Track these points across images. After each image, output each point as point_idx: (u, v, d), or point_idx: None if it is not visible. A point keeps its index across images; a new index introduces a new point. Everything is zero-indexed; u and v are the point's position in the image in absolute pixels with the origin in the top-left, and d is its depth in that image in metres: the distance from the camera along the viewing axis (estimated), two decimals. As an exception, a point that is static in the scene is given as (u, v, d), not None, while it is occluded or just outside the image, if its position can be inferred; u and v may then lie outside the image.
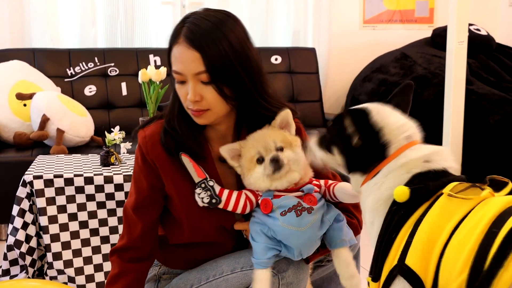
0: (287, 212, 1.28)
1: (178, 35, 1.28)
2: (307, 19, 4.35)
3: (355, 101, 4.12)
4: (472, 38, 3.86)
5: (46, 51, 3.69)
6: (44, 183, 2.06)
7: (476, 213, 0.98)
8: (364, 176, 1.14)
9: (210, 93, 1.28)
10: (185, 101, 1.31)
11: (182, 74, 1.28)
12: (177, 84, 1.32)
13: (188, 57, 1.26)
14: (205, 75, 1.26)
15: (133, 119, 2.96)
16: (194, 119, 1.33)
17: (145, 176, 1.38)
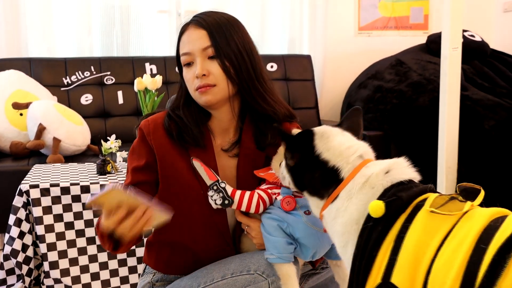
0: (310, 212, 1.29)
1: (186, 25, 1.41)
2: (303, 27, 4.37)
3: (351, 107, 4.12)
4: (466, 44, 3.88)
5: (42, 60, 3.70)
6: (41, 192, 2.06)
7: (461, 228, 0.95)
8: (323, 201, 1.12)
9: (216, 69, 1.36)
10: (192, 82, 1.39)
11: (190, 53, 1.38)
12: (184, 69, 1.41)
13: (195, 36, 1.38)
14: (211, 49, 1.36)
15: (129, 128, 2.97)
16: (201, 99, 1.39)
17: (143, 154, 1.42)
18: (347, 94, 4.30)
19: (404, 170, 1.09)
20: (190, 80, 1.40)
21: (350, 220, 1.05)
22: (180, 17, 4.08)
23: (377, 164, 1.12)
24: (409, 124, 3.62)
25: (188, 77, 1.40)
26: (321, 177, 1.12)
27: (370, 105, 3.89)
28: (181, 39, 1.42)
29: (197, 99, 1.41)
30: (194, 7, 4.15)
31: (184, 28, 1.42)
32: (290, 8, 4.33)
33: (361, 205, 1.04)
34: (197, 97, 1.40)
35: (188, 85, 1.42)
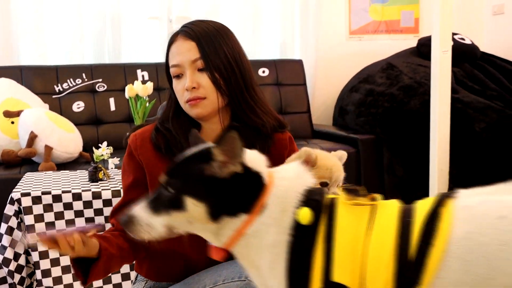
0: None
1: (173, 37, 1.40)
2: (294, 31, 4.39)
3: (343, 111, 4.14)
4: (456, 47, 3.90)
5: (34, 68, 3.69)
6: (32, 200, 2.06)
7: (382, 212, 1.00)
8: (246, 217, 1.01)
9: (206, 81, 1.35)
10: (182, 94, 1.38)
11: (179, 65, 1.37)
12: (174, 81, 1.40)
13: (185, 47, 1.36)
14: (200, 61, 1.35)
15: (122, 134, 2.96)
16: (191, 111, 1.38)
17: (132, 170, 1.43)
18: (339, 98, 4.32)
19: (303, 174, 1.08)
20: (180, 92, 1.39)
21: (283, 227, 1.00)
22: (171, 24, 4.09)
23: (283, 171, 1.08)
24: (401, 127, 3.63)
25: (178, 89, 1.39)
26: (246, 187, 1.02)
27: (362, 108, 3.91)
28: (170, 50, 1.40)
29: (188, 111, 1.40)
30: (186, 13, 4.16)
31: (172, 38, 1.41)
32: (282, 13, 4.34)
33: (289, 213, 1.00)
34: (188, 109, 1.39)
35: (178, 96, 1.41)
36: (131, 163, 1.43)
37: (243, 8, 4.25)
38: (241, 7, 4.24)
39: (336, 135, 3.94)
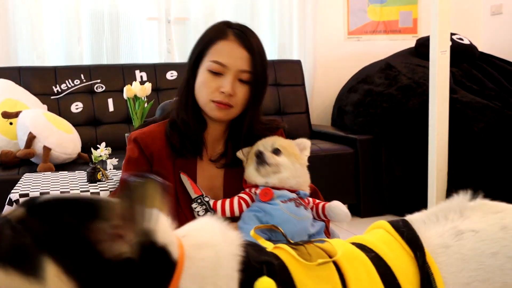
0: (287, 201, 1.34)
1: (226, 32, 1.38)
2: (292, 32, 4.39)
3: (341, 111, 4.15)
4: (455, 47, 3.90)
5: (32, 69, 3.69)
6: (30, 201, 2.05)
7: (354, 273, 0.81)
8: None
9: (242, 93, 1.38)
10: (212, 92, 1.37)
11: (225, 66, 1.36)
12: (208, 75, 1.38)
13: (238, 54, 1.36)
14: (248, 75, 1.37)
15: (120, 135, 2.97)
16: (213, 112, 1.39)
17: (142, 165, 1.41)
18: (337, 99, 4.32)
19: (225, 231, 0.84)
20: (211, 88, 1.37)
21: None
22: (170, 24, 4.09)
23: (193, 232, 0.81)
24: (399, 127, 3.63)
25: (210, 85, 1.38)
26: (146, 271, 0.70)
27: (361, 109, 3.91)
28: (218, 45, 1.38)
29: (208, 110, 1.40)
30: (184, 14, 4.16)
31: (222, 34, 1.39)
32: (280, 14, 4.34)
33: None
34: (211, 108, 1.39)
35: (203, 89, 1.39)
36: (141, 158, 1.42)
37: (241, 9, 4.25)
38: (239, 8, 4.24)
39: (334, 135, 3.94)
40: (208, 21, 4.18)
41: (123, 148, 2.50)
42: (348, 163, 3.68)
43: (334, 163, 3.65)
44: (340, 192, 3.69)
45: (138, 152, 1.42)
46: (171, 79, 3.89)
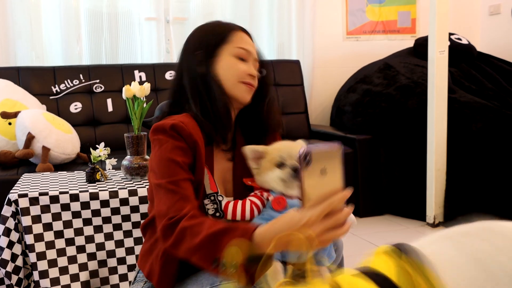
0: None
1: (234, 26, 1.53)
2: (291, 32, 4.39)
3: (340, 111, 4.15)
4: (453, 48, 3.92)
5: (31, 69, 3.69)
6: (29, 201, 2.05)
7: None
8: None
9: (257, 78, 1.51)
10: (242, 75, 1.45)
11: (250, 52, 1.48)
12: (238, 61, 1.46)
13: (252, 44, 1.52)
14: (258, 64, 1.51)
15: (119, 135, 2.97)
16: (244, 93, 1.46)
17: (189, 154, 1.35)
18: (336, 99, 4.32)
19: None
20: (241, 72, 1.45)
21: None
22: (168, 24, 4.09)
23: None
24: (398, 127, 3.64)
25: (240, 68, 1.45)
26: None
27: (359, 109, 3.91)
28: (236, 34, 1.49)
29: (238, 91, 1.45)
30: (183, 14, 4.16)
31: (234, 27, 1.52)
32: (278, 14, 4.35)
33: None
34: (241, 89, 1.45)
35: (232, 72, 1.44)
36: (186, 147, 1.35)
37: (240, 9, 4.25)
38: (237, 8, 4.25)
39: (333, 135, 3.94)
40: (207, 21, 4.17)
41: (122, 148, 2.52)
42: (347, 163, 3.66)
43: (333, 163, 3.65)
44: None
45: (181, 141, 1.35)
46: (170, 79, 3.90)
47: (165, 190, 1.28)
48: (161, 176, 1.30)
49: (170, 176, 1.29)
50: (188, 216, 1.21)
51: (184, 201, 1.25)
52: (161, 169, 1.32)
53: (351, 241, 3.26)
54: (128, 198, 2.11)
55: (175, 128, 1.34)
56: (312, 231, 0.99)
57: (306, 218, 1.00)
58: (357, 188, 3.72)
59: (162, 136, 1.36)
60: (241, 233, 1.10)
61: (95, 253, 2.13)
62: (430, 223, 3.46)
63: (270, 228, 1.08)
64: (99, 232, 2.13)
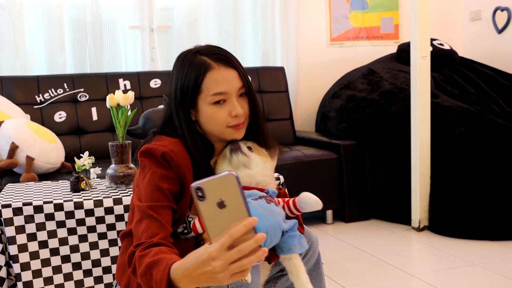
0: (257, 199, 1.38)
1: (207, 64, 1.42)
2: (275, 39, 4.42)
3: (325, 117, 4.17)
4: (436, 53, 3.97)
5: (14, 78, 3.67)
6: (13, 211, 2.04)
7: None
8: None
9: (246, 105, 1.47)
10: (224, 120, 1.43)
11: (227, 93, 1.42)
12: (215, 107, 1.43)
13: (230, 76, 1.43)
14: (243, 89, 1.45)
15: (104, 144, 2.96)
16: (234, 135, 1.46)
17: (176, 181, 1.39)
18: (321, 105, 4.35)
19: None
20: (222, 119, 1.42)
21: None
22: (153, 32, 4.09)
23: None
24: (382, 132, 3.67)
25: (219, 116, 1.42)
26: None
27: (344, 114, 3.94)
28: (209, 78, 1.41)
29: (227, 136, 1.46)
30: (167, 22, 4.17)
31: (206, 68, 1.42)
32: (262, 21, 4.37)
33: None
34: (229, 133, 1.45)
35: (215, 121, 1.43)
36: (173, 175, 1.38)
37: (224, 16, 4.27)
38: (221, 16, 4.26)
39: (318, 141, 3.96)
40: (191, 28, 4.20)
41: (107, 157, 2.51)
42: (332, 168, 3.71)
43: (318, 168, 3.67)
44: (325, 197, 3.70)
45: (170, 170, 1.38)
46: (154, 87, 3.90)
47: (143, 214, 1.33)
48: (144, 199, 1.35)
49: (151, 201, 1.34)
50: (145, 246, 1.25)
51: (158, 228, 1.30)
52: (146, 193, 1.36)
53: (337, 246, 3.28)
54: (113, 206, 2.10)
55: (165, 157, 1.37)
56: (217, 264, 0.99)
57: (208, 252, 1.00)
58: (343, 193, 3.74)
59: (152, 161, 1.39)
60: (163, 267, 1.13)
61: (80, 262, 2.12)
62: (415, 227, 3.48)
63: (182, 265, 1.09)
64: (84, 242, 2.12)
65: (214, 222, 1.00)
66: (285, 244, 1.41)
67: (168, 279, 1.10)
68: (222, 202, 0.99)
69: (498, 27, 4.52)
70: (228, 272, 1.00)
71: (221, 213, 0.99)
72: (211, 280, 1.03)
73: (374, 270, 2.86)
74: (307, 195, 1.44)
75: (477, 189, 3.22)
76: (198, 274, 1.03)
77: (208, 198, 0.98)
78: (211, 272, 1.00)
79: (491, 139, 3.26)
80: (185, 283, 1.08)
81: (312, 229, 1.52)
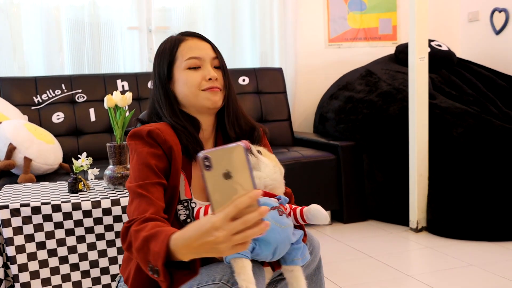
0: (270, 210, 1.33)
1: (180, 39, 1.52)
2: (273, 40, 4.42)
3: (323, 118, 4.18)
4: (434, 54, 3.97)
5: (12, 79, 3.67)
6: (11, 212, 2.04)
7: None
8: None
9: (221, 76, 1.50)
10: (199, 83, 1.46)
11: (200, 58, 1.49)
12: (190, 72, 1.47)
13: (203, 46, 1.51)
14: (217, 60, 1.51)
15: (102, 145, 2.96)
16: (210, 99, 1.47)
17: (163, 158, 1.39)
18: (319, 105, 4.35)
19: None
20: (196, 81, 1.47)
21: None
22: (151, 33, 4.09)
23: None
24: (380, 133, 3.67)
25: (193, 79, 1.47)
26: None
27: (342, 115, 3.94)
28: (183, 46, 1.50)
29: (202, 100, 1.47)
30: (165, 24, 4.17)
31: (179, 41, 1.51)
32: (261, 22, 4.37)
33: None
34: (204, 97, 1.47)
35: (189, 85, 1.47)
36: (160, 151, 1.39)
37: (222, 17, 4.27)
38: (219, 17, 4.26)
39: (316, 142, 3.96)
40: (189, 29, 4.19)
41: (105, 158, 2.51)
42: (330, 169, 3.71)
43: (316, 169, 3.68)
44: (323, 198, 3.72)
45: (156, 147, 1.39)
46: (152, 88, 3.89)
47: (133, 193, 1.34)
48: (134, 180, 1.36)
49: (140, 180, 1.35)
50: (140, 220, 1.25)
51: (148, 205, 1.30)
52: (135, 173, 1.37)
53: (335, 247, 3.28)
54: (111, 207, 2.10)
55: (151, 134, 1.39)
56: (220, 234, 0.99)
57: (211, 222, 1.00)
58: (341, 194, 3.75)
59: (138, 142, 1.41)
60: (162, 238, 1.12)
61: (78, 263, 2.11)
62: (413, 228, 3.48)
63: (182, 235, 1.08)
64: (82, 243, 2.12)
65: (219, 192, 0.99)
66: (289, 255, 1.39)
67: (167, 250, 1.10)
68: (229, 173, 0.98)
69: (496, 28, 4.53)
70: (230, 243, 1.00)
71: (226, 184, 0.99)
72: (212, 251, 1.02)
73: (372, 271, 2.86)
74: (317, 208, 1.42)
75: (475, 190, 3.22)
76: (199, 244, 1.03)
77: (214, 168, 0.98)
78: (213, 242, 1.00)
79: (489, 140, 3.26)
80: (184, 253, 1.08)
81: (310, 230, 1.51)
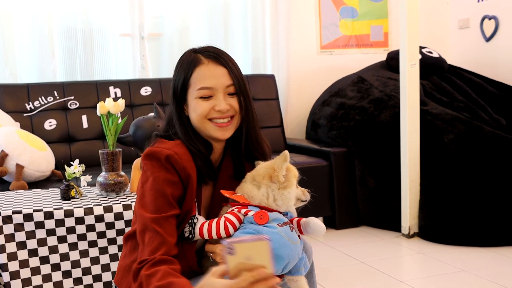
0: (282, 225, 1.36)
1: (198, 58, 1.46)
2: (266, 47, 4.44)
3: (315, 125, 4.19)
4: (425, 61, 4.00)
5: (4, 86, 3.66)
6: (3, 220, 2.03)
7: None
8: None
9: (236, 104, 1.46)
10: (209, 111, 1.44)
11: (213, 88, 1.44)
12: (200, 101, 1.44)
13: (218, 73, 1.44)
14: (233, 87, 1.45)
15: (94, 152, 2.96)
16: (214, 132, 1.45)
17: (179, 185, 1.39)
18: (311, 112, 4.37)
19: None
20: (204, 111, 1.43)
21: None
22: (143, 40, 4.10)
23: None
24: (372, 139, 3.69)
25: (202, 108, 1.43)
26: None
27: (334, 122, 3.96)
28: (197, 72, 1.45)
29: (208, 128, 1.45)
30: (157, 30, 4.18)
31: (196, 63, 1.46)
32: (253, 29, 4.39)
33: None
34: (210, 127, 1.45)
35: (198, 115, 1.44)
36: (176, 177, 1.39)
37: (214, 24, 4.28)
38: (212, 24, 4.27)
39: (309, 148, 3.98)
40: (181, 36, 4.21)
41: (97, 164, 2.51)
42: (322, 176, 3.72)
43: (308, 176, 3.65)
44: (315, 204, 3.70)
45: (173, 174, 1.38)
46: (145, 95, 3.90)
47: (146, 226, 1.34)
48: (149, 210, 1.35)
49: (155, 210, 1.34)
50: (151, 263, 1.27)
51: (160, 244, 1.31)
52: (150, 199, 1.37)
53: (327, 253, 3.28)
54: (104, 214, 2.10)
55: (170, 159, 1.38)
56: None
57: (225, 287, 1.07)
58: (333, 201, 3.76)
59: (155, 164, 1.39)
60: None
61: (70, 270, 2.11)
62: (405, 234, 3.50)
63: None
64: (74, 250, 2.11)
65: (238, 266, 1.06)
66: (295, 265, 1.41)
67: None
68: (250, 257, 1.05)
69: (486, 35, 4.57)
70: None
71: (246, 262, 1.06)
72: None
73: (364, 277, 2.87)
74: (316, 222, 1.45)
75: (466, 196, 3.24)
76: None
77: (238, 255, 1.05)
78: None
79: (480, 146, 3.29)
80: None
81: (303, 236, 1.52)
